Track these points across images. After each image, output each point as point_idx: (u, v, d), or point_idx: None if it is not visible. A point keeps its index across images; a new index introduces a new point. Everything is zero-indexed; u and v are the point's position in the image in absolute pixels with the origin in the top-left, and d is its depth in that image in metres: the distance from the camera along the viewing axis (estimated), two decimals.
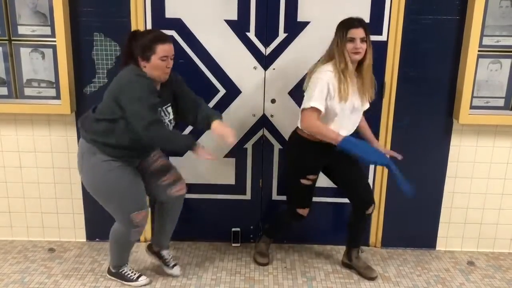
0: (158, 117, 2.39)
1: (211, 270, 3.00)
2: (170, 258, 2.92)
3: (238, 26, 2.92)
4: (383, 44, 2.91)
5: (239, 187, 3.23)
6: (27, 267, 2.99)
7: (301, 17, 2.90)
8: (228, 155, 3.16)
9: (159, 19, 2.90)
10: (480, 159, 3.13)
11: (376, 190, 3.18)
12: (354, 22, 2.46)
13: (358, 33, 2.44)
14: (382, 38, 2.91)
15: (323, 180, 2.91)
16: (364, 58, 2.50)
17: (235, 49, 2.95)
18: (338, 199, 3.22)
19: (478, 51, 2.87)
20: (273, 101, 3.06)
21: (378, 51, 2.71)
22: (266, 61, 2.98)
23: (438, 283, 2.93)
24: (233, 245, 3.30)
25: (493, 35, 2.90)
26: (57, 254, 3.15)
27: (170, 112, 2.54)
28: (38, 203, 3.23)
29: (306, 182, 2.72)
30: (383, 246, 3.32)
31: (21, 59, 2.95)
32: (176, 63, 2.49)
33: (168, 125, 2.51)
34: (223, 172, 3.20)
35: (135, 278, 2.80)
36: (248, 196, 3.25)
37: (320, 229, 3.30)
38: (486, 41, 2.90)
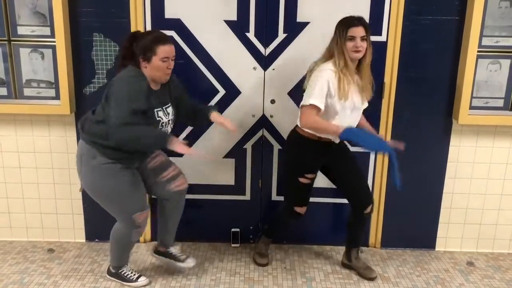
0: (136, 121, 2.30)
1: (211, 271, 2.99)
2: (180, 253, 2.90)
3: (238, 27, 2.92)
4: (383, 44, 2.91)
5: (239, 188, 3.23)
6: (27, 268, 2.99)
7: (300, 17, 2.90)
8: (227, 156, 3.16)
9: (159, 20, 2.90)
10: (479, 160, 3.13)
11: (375, 191, 3.18)
12: (354, 21, 2.46)
13: (359, 31, 2.44)
14: (382, 38, 2.91)
15: (322, 180, 2.91)
16: (364, 57, 2.50)
17: (235, 49, 2.95)
18: (337, 200, 3.22)
19: (478, 52, 2.87)
20: (272, 101, 3.06)
21: (377, 52, 2.71)
22: (265, 61, 2.98)
23: (437, 284, 2.93)
24: (232, 245, 3.30)
25: (492, 36, 2.90)
26: (56, 255, 3.15)
27: (169, 112, 2.54)
28: (38, 204, 3.23)
29: (304, 180, 2.72)
30: (383, 247, 3.32)
31: (20, 60, 2.95)
32: (175, 64, 2.48)
33: (167, 124, 2.52)
34: (223, 172, 3.20)
35: (135, 279, 2.80)
36: (247, 196, 3.25)
37: (319, 229, 3.30)
38: (486, 41, 2.90)
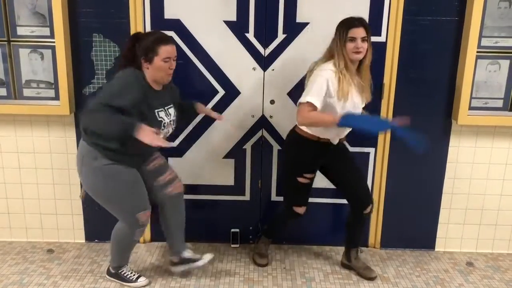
0: (111, 112, 2.24)
1: (210, 271, 2.99)
2: (194, 255, 2.85)
3: (237, 27, 2.93)
4: (382, 45, 2.91)
5: (238, 188, 3.23)
6: (26, 268, 2.98)
7: (300, 18, 2.90)
8: (227, 156, 3.16)
9: (158, 20, 2.90)
10: (479, 160, 3.13)
11: (375, 191, 3.18)
12: (355, 22, 2.46)
13: (359, 32, 2.44)
14: (381, 39, 2.91)
15: (322, 181, 2.91)
16: (364, 58, 2.50)
17: (234, 50, 2.96)
18: (336, 200, 3.22)
19: (477, 52, 2.88)
20: (272, 102, 3.06)
21: (377, 52, 2.71)
22: (265, 62, 2.99)
23: (437, 284, 2.93)
24: (232, 246, 3.30)
25: (491, 36, 2.90)
26: (56, 255, 3.15)
27: (171, 113, 2.55)
28: (37, 204, 3.23)
29: (303, 180, 2.72)
30: (382, 247, 3.32)
31: (20, 60, 2.95)
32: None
33: (169, 125, 2.52)
34: (222, 172, 3.19)
35: (134, 279, 2.80)
36: (247, 196, 3.25)
37: (319, 230, 3.31)
38: (485, 42, 2.90)
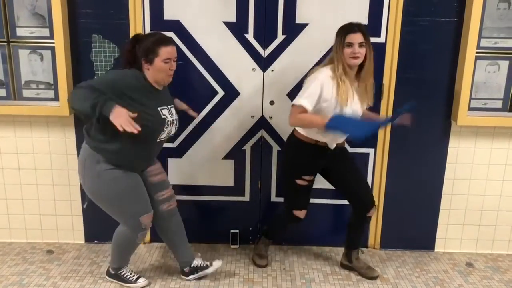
0: (91, 91, 2.21)
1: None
2: (203, 262, 2.87)
3: (237, 28, 2.93)
4: (381, 46, 2.91)
5: (238, 189, 3.23)
6: (26, 269, 2.98)
7: (299, 19, 2.90)
8: (226, 157, 3.16)
9: (158, 21, 2.90)
10: (478, 161, 3.13)
11: (374, 192, 3.17)
12: (354, 27, 2.46)
13: (356, 38, 2.44)
14: (380, 40, 2.91)
15: (321, 181, 2.91)
16: (364, 63, 2.50)
17: (234, 51, 2.96)
18: (336, 201, 3.22)
19: (476, 53, 2.88)
20: (271, 102, 3.06)
21: (376, 53, 2.70)
22: (264, 63, 2.99)
23: (436, 285, 2.93)
24: (231, 246, 3.30)
25: (490, 37, 2.90)
26: (55, 256, 3.15)
27: (173, 112, 2.57)
28: (37, 205, 3.23)
29: (301, 182, 2.72)
30: (382, 248, 3.32)
31: (19, 61, 2.95)
32: None
33: (172, 124, 2.53)
34: (222, 173, 3.19)
35: (134, 280, 2.80)
36: (247, 197, 3.25)
37: (318, 230, 3.30)
38: (484, 43, 2.90)
